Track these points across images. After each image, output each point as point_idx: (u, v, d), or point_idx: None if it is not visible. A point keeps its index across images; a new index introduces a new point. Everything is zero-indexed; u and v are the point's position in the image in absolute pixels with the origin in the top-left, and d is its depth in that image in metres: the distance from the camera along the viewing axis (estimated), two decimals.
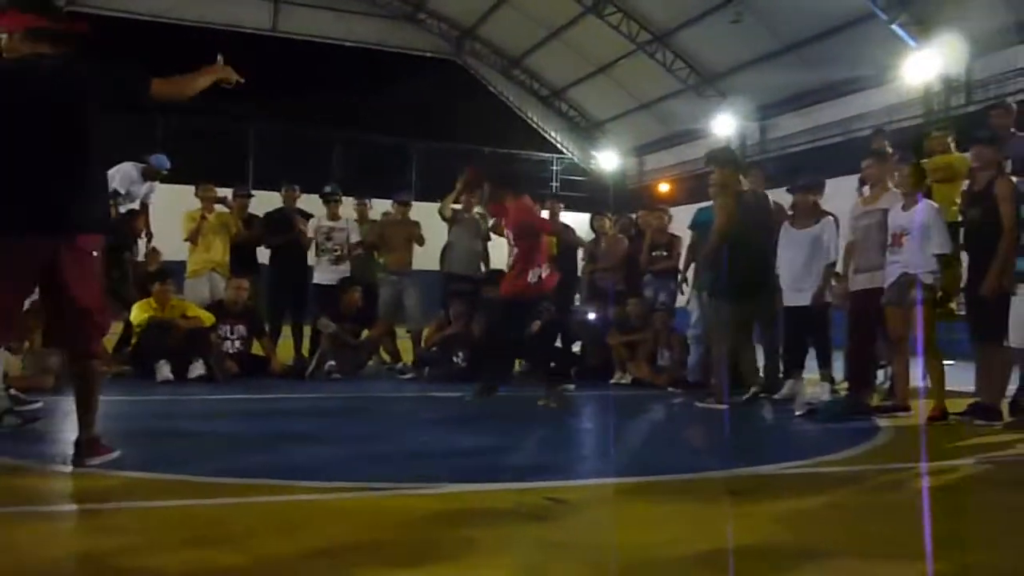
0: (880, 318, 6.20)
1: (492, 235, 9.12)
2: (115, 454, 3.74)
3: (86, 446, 3.70)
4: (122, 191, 8.60)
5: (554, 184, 26.18)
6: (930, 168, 6.62)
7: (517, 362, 8.97)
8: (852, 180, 7.78)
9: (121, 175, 8.65)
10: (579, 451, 5.07)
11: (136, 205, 8.88)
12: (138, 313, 7.58)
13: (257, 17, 24.05)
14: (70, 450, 3.75)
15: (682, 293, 8.46)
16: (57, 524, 3.02)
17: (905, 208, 6.03)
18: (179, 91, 3.86)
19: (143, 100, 3.83)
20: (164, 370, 7.18)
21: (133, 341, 7.72)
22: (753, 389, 6.73)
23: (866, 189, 6.94)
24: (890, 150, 7.26)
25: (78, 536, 2.87)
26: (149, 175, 8.91)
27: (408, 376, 8.33)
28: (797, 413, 6.17)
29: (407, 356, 8.71)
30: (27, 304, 7.14)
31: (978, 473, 4.47)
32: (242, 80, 4.11)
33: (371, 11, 24.68)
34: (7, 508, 3.06)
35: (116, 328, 8.31)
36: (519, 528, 3.00)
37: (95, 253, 3.70)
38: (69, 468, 3.67)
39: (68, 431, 4.52)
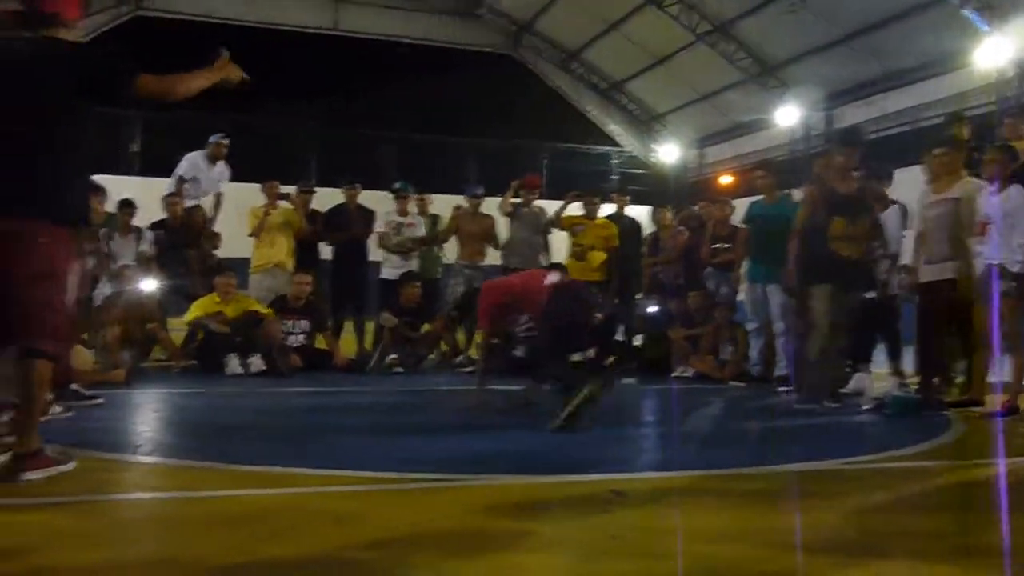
0: (952, 311, 6.02)
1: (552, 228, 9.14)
2: (63, 467, 3.37)
3: (20, 459, 3.29)
4: (187, 177, 8.81)
5: (614, 178, 26.01)
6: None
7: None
8: (922, 170, 7.57)
9: (188, 163, 8.87)
10: (641, 445, 5.03)
11: (209, 195, 9.05)
12: (196, 308, 7.74)
13: (319, 17, 24.35)
14: (128, 440, 3.79)
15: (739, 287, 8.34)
16: (117, 514, 3.10)
17: (993, 194, 5.76)
18: (169, 89, 3.57)
19: (126, 92, 3.55)
20: (233, 363, 7.35)
21: (199, 336, 7.90)
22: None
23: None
24: (967, 137, 7.04)
25: (139, 526, 2.94)
26: (213, 156, 9.06)
27: (468, 369, 8.36)
28: (864, 407, 6.04)
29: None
30: (99, 300, 7.39)
31: None
32: (247, 79, 3.79)
33: (429, 8, 24.81)
34: (68, 498, 3.14)
35: (183, 323, 8.54)
36: (579, 520, 2.99)
37: (46, 242, 3.33)
38: (124, 456, 3.74)
39: (130, 423, 4.66)
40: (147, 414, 5.37)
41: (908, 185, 7.64)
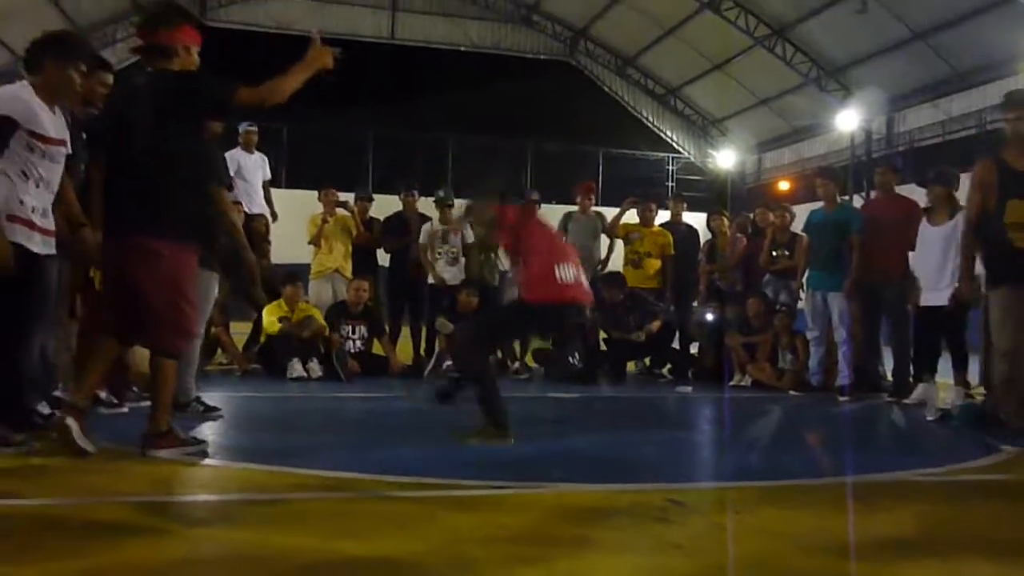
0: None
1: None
2: (190, 448, 3.89)
3: (151, 438, 3.85)
4: (232, 171, 8.95)
5: (670, 184, 25.86)
6: None
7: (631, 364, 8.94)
8: None
9: (229, 159, 8.99)
10: (699, 453, 5.00)
11: (257, 198, 9.17)
12: (269, 315, 7.88)
13: (376, 26, 24.72)
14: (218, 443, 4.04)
15: (800, 296, 8.22)
16: (187, 513, 3.18)
17: None
18: (267, 95, 3.81)
19: (230, 109, 4.02)
20: (296, 367, 7.48)
21: (262, 340, 8.04)
22: None
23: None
24: None
25: (209, 525, 3.01)
26: (246, 144, 9.16)
27: (524, 376, 8.38)
28: (929, 418, 5.92)
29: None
30: None
31: None
32: (341, 54, 3.96)
33: (485, 15, 24.99)
34: (138, 497, 3.23)
35: (245, 328, 8.70)
36: (638, 528, 2.98)
37: (169, 257, 3.80)
38: (200, 461, 3.86)
39: (194, 425, 4.76)
40: (211, 417, 5.48)
41: None
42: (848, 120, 20.11)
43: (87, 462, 3.69)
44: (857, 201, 16.89)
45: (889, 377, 7.45)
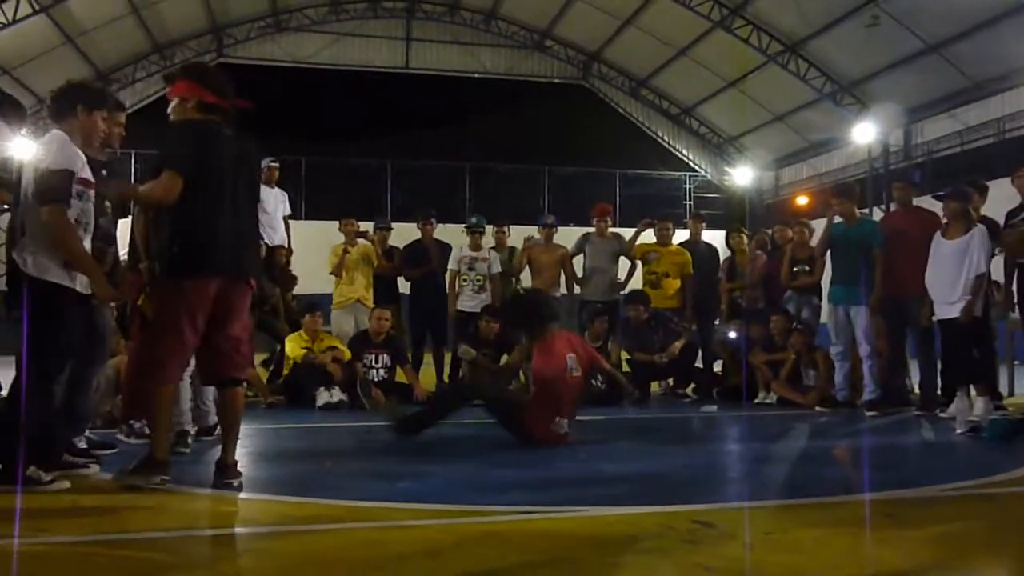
0: None
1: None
2: (159, 478, 3.91)
3: (227, 469, 3.97)
4: None
5: (688, 203, 25.85)
6: None
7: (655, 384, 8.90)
8: (1006, 184, 7.35)
9: None
10: (726, 473, 4.96)
11: (279, 229, 9.26)
12: (292, 346, 7.93)
13: (390, 56, 25.00)
14: (246, 475, 4.05)
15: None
16: (213, 549, 3.19)
17: None
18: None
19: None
20: (324, 395, 7.52)
21: (285, 372, 8.08)
22: None
23: None
24: None
25: (239, 559, 3.02)
26: (267, 180, 9.23)
27: None
28: (959, 431, 5.86)
29: None
30: None
31: None
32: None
33: (498, 42, 25.20)
34: (166, 533, 3.25)
35: (290, 361, 8.75)
36: (667, 551, 2.97)
37: (250, 292, 4.13)
38: (222, 492, 3.89)
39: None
40: (238, 449, 5.50)
41: (994, 199, 7.43)
42: (865, 133, 20.05)
43: (117, 499, 3.72)
44: (877, 214, 16.79)
45: (917, 391, 7.39)
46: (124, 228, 4.88)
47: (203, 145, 3.94)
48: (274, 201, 9.36)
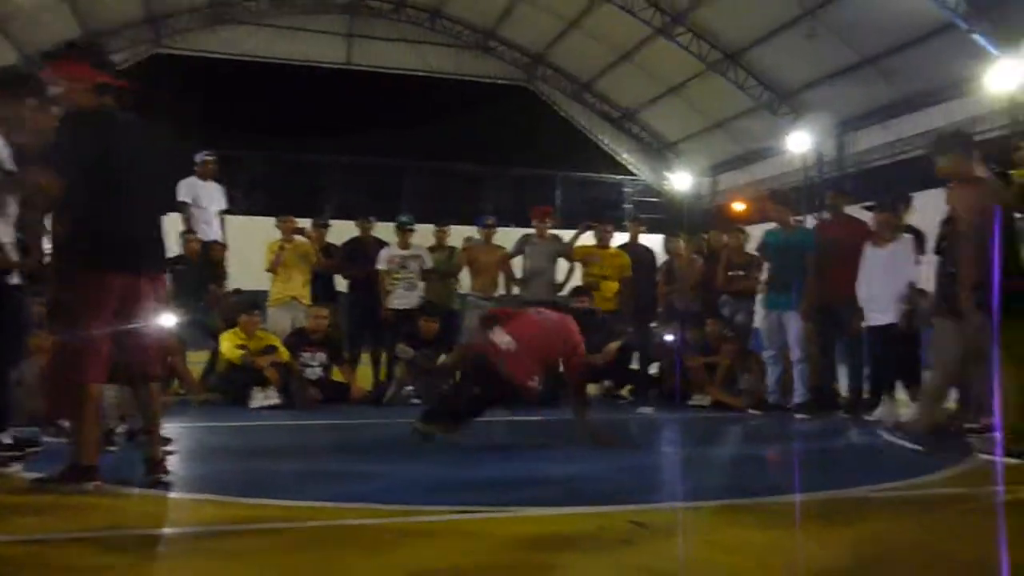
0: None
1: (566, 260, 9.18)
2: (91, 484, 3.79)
3: (155, 464, 3.95)
4: (188, 200, 8.92)
5: (627, 206, 26.08)
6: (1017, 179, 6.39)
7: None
8: (936, 194, 7.56)
9: (185, 187, 8.97)
10: (662, 475, 5.02)
11: (214, 224, 9.12)
12: (228, 345, 7.78)
13: (332, 52, 24.70)
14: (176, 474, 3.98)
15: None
16: (143, 548, 3.11)
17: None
18: None
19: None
20: (259, 396, 7.40)
21: (219, 369, 7.94)
22: None
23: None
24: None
25: (169, 560, 2.95)
26: (203, 174, 9.15)
27: None
28: (884, 435, 6.01)
29: None
30: None
31: None
32: None
33: (443, 41, 25.10)
34: (93, 532, 3.17)
35: (202, 357, 8.59)
36: (602, 552, 2.99)
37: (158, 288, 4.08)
38: (151, 491, 3.81)
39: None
40: (170, 446, 5.39)
41: (924, 210, 7.65)
42: (800, 142, 20.50)
43: (36, 498, 3.61)
44: (811, 222, 17.17)
45: (845, 395, 7.57)
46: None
47: (103, 137, 3.82)
48: (209, 196, 9.22)
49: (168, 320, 7.36)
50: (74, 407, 3.82)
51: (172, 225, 9.28)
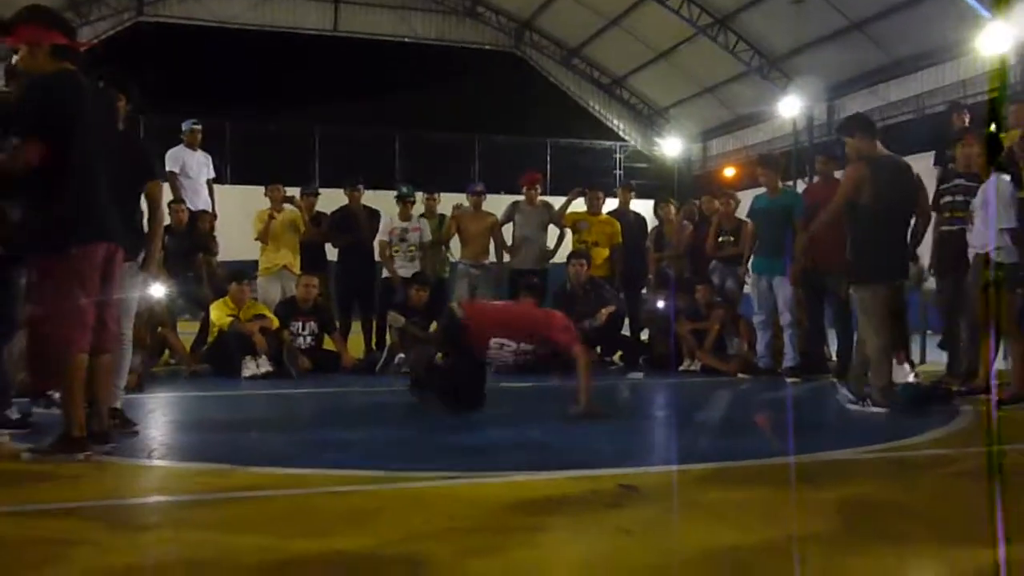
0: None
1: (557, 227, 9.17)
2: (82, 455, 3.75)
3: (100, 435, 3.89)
4: (175, 170, 8.88)
5: (618, 172, 26.03)
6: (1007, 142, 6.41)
7: None
8: (926, 157, 7.58)
9: (171, 157, 8.92)
10: (650, 439, 5.06)
11: (202, 194, 9.06)
12: (218, 314, 7.77)
13: (319, 19, 24.40)
14: (142, 445, 4.00)
15: (745, 281, 8.36)
16: (135, 518, 3.13)
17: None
18: None
19: None
20: (251, 366, 7.40)
21: (210, 340, 7.93)
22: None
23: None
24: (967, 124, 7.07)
25: (159, 529, 2.97)
26: (190, 143, 9.10)
27: None
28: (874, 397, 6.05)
29: None
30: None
31: None
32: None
33: (430, 7, 24.83)
34: (84, 503, 3.19)
35: (192, 327, 8.58)
36: (591, 515, 3.01)
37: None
38: (142, 461, 3.83)
39: (143, 427, 4.70)
40: (159, 418, 5.40)
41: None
42: (790, 107, 20.43)
43: (27, 469, 3.62)
44: (800, 186, 17.17)
45: (834, 358, 7.61)
46: None
47: (70, 101, 3.72)
48: (197, 165, 9.15)
49: (156, 291, 7.39)
50: (61, 378, 3.78)
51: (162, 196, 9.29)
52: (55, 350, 3.76)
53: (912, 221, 5.96)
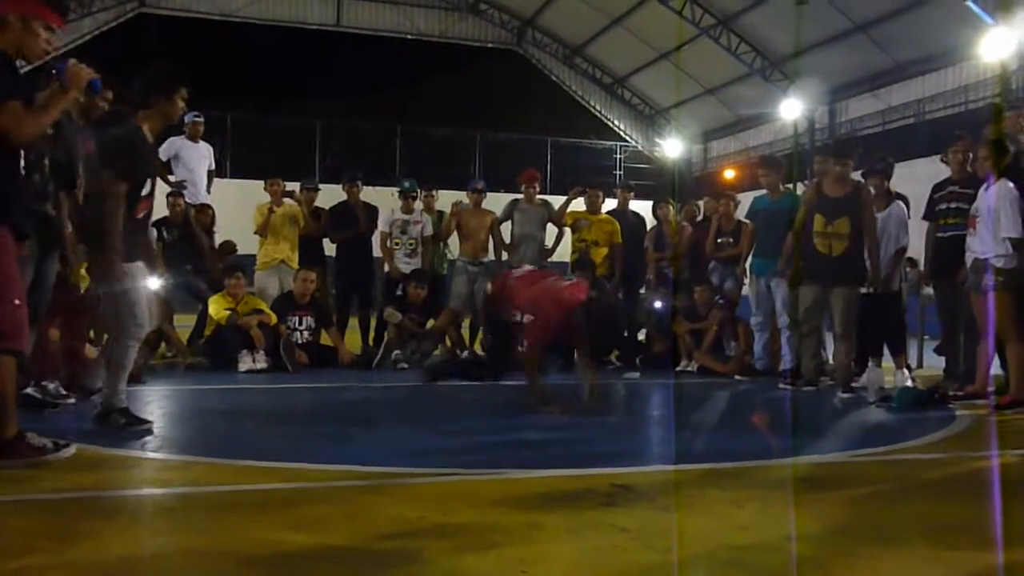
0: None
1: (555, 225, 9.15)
2: (50, 455, 3.52)
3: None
4: (169, 157, 8.88)
5: (618, 172, 26.03)
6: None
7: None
8: (927, 163, 7.56)
9: (167, 145, 8.92)
10: (646, 438, 5.05)
11: (201, 186, 9.04)
12: (216, 307, 7.76)
13: (322, 14, 24.41)
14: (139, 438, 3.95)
15: (744, 281, 8.36)
16: (129, 509, 3.12)
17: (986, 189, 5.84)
18: (17, 126, 3.38)
19: None
20: (247, 360, 7.39)
21: (207, 333, 7.92)
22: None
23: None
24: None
25: (154, 520, 2.96)
26: (192, 135, 9.12)
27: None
28: (871, 400, 6.05)
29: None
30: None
31: None
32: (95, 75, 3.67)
33: (433, 4, 24.84)
34: (78, 494, 3.18)
35: (189, 320, 8.57)
36: (585, 513, 3.01)
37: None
38: (139, 453, 3.81)
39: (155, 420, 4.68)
40: (156, 410, 5.39)
41: (914, 178, 7.66)
42: (791, 109, 20.43)
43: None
44: (801, 189, 17.19)
45: (831, 361, 7.60)
46: None
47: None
48: (197, 156, 9.14)
49: (155, 283, 7.37)
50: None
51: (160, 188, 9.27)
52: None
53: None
